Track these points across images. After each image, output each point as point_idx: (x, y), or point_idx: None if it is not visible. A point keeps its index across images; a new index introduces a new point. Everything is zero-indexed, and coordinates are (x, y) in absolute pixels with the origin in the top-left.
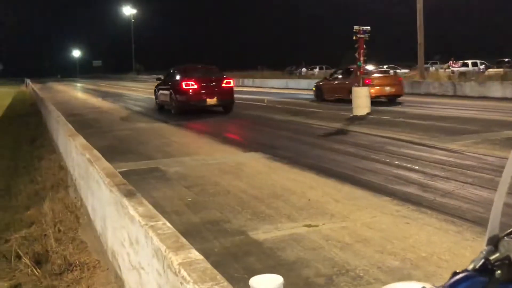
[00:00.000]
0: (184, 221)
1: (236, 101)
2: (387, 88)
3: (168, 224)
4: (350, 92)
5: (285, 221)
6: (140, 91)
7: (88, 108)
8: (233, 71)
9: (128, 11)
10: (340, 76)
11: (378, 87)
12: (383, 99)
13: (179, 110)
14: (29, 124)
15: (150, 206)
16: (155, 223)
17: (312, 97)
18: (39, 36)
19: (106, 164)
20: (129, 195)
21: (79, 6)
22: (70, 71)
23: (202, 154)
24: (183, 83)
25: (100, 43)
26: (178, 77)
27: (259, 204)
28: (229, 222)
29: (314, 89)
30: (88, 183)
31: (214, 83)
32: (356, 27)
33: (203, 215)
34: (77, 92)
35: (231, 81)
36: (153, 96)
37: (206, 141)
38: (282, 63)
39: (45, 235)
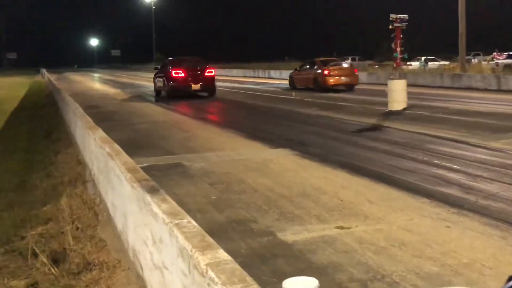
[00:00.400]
0: (208, 220)
1: (261, 93)
2: (343, 78)
3: (194, 223)
4: (314, 81)
5: (315, 222)
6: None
7: (107, 99)
8: (260, 61)
9: None
10: (308, 67)
11: (336, 77)
12: (341, 88)
13: (170, 95)
14: (45, 116)
15: (174, 203)
16: (180, 221)
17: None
18: (55, 24)
19: (127, 158)
20: (152, 191)
21: None
22: (88, 61)
23: (226, 150)
24: (173, 72)
25: (119, 32)
26: (169, 67)
27: (287, 204)
28: (256, 222)
29: (288, 79)
30: (108, 178)
31: (198, 72)
32: (392, 15)
33: (228, 214)
34: (95, 83)
35: (213, 70)
36: None
37: (231, 136)
38: (311, 54)
39: (63, 232)
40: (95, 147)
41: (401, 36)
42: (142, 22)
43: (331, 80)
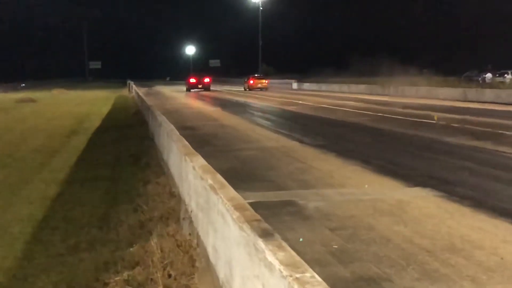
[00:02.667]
0: (329, 275)
1: (391, 115)
2: (259, 84)
3: (318, 278)
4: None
5: (468, 286)
6: (268, 99)
7: (204, 120)
8: (392, 76)
9: None
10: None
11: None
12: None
13: (188, 90)
14: (132, 138)
15: (293, 252)
16: (301, 275)
17: None
18: (146, 30)
19: (234, 193)
20: (265, 235)
21: None
22: (182, 73)
23: (350, 187)
24: (190, 79)
25: (219, 38)
26: (188, 77)
27: (431, 260)
28: (390, 281)
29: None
30: (209, 216)
31: (201, 79)
32: None
33: (354, 268)
34: (190, 99)
35: (209, 79)
36: (286, 107)
37: (355, 169)
38: (458, 67)
39: (152, 279)
40: (194, 178)
41: None
42: (246, 28)
43: (251, 82)
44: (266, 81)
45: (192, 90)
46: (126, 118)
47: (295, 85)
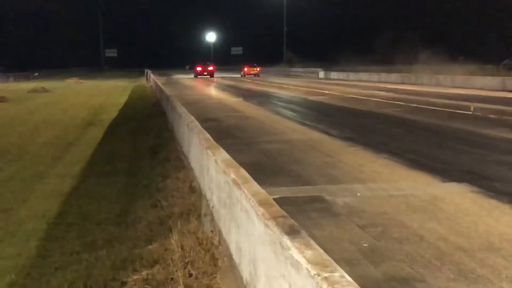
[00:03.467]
0: (359, 275)
1: (424, 106)
2: (252, 71)
3: (348, 277)
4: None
5: (507, 287)
6: (293, 89)
7: (226, 111)
8: (426, 64)
9: None
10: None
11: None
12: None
13: (195, 76)
14: (150, 130)
15: (321, 250)
16: (330, 274)
17: None
18: (163, 16)
19: (258, 188)
20: (291, 232)
21: None
22: (202, 60)
23: (380, 181)
24: (197, 67)
25: (241, 25)
26: (196, 65)
27: (467, 259)
28: (424, 282)
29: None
30: (232, 212)
31: (206, 67)
32: None
33: (385, 268)
34: (211, 89)
35: (213, 67)
36: (312, 97)
37: (386, 163)
38: (495, 55)
39: (172, 279)
40: (216, 172)
41: None
42: (270, 13)
43: (246, 69)
44: (258, 69)
45: (198, 76)
46: (144, 109)
47: (321, 74)
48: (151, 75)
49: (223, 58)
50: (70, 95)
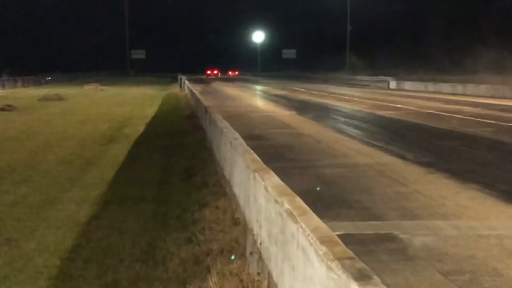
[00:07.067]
0: None
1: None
2: (230, 74)
3: None
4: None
5: None
6: (357, 102)
7: (276, 127)
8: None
9: None
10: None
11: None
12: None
13: (207, 79)
14: (184, 148)
15: None
16: None
17: None
18: (200, 12)
19: (319, 222)
20: (361, 278)
21: None
22: (247, 64)
23: (467, 218)
24: (207, 71)
25: (294, 24)
26: (206, 70)
27: None
28: None
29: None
30: (286, 251)
31: (214, 71)
32: None
33: None
34: (257, 99)
35: (217, 71)
36: (380, 112)
37: (474, 195)
38: None
39: None
40: (266, 201)
41: None
42: (330, 10)
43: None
44: (237, 72)
45: (209, 77)
46: (176, 123)
47: (393, 84)
48: (186, 82)
49: (271, 63)
50: (89, 104)
